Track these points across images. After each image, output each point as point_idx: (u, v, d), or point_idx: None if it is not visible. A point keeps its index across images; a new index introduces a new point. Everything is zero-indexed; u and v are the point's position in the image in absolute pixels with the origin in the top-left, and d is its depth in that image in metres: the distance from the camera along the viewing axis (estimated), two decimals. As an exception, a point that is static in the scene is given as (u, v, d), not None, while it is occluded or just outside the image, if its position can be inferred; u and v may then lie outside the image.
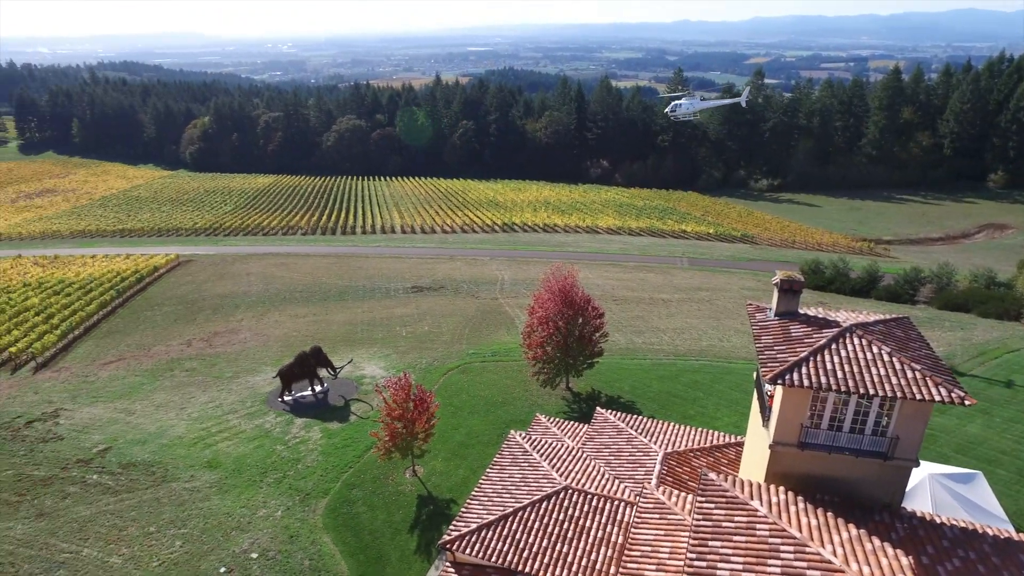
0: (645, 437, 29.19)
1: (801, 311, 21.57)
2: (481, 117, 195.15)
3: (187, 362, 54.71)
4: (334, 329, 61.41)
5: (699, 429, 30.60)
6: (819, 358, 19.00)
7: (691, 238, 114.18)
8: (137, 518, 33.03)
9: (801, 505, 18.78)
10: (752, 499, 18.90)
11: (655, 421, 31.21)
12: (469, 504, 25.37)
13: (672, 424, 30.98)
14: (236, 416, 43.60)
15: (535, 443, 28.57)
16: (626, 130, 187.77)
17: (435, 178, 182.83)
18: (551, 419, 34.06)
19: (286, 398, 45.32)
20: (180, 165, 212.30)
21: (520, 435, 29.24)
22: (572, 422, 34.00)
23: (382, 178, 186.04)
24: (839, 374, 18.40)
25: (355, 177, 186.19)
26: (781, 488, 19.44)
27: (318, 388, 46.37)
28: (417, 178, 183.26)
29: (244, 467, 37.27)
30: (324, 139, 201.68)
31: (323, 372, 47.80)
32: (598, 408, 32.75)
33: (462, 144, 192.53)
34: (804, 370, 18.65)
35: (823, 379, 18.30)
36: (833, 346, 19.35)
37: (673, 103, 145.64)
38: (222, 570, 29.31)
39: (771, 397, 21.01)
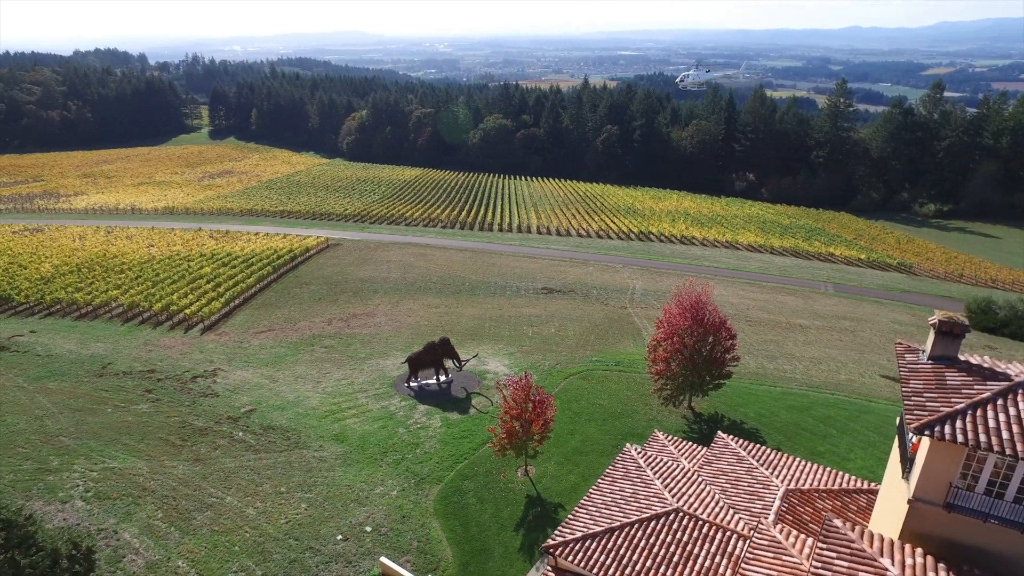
0: (767, 469, 27.63)
1: (962, 357, 19.40)
2: (626, 122, 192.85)
3: (326, 339, 58.90)
4: (463, 322, 63.45)
5: (827, 469, 28.47)
6: (979, 413, 17.00)
7: (839, 262, 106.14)
8: (272, 477, 36.13)
9: (942, 574, 16.91)
10: (882, 556, 17.33)
11: (779, 454, 29.45)
12: (577, 512, 25.32)
13: (798, 459, 29.06)
14: (365, 395, 46.37)
15: (650, 459, 27.94)
16: (777, 143, 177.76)
17: (575, 181, 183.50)
18: (669, 437, 33.15)
19: (412, 384, 47.51)
20: (337, 154, 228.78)
21: (636, 449, 28.71)
22: (691, 443, 32.88)
23: (523, 177, 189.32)
24: (1004, 435, 16.30)
25: (497, 175, 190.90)
26: (918, 550, 17.62)
27: (443, 378, 48.15)
28: (557, 179, 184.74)
29: (367, 444, 39.55)
30: (470, 136, 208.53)
31: (449, 363, 49.55)
32: (719, 432, 31.43)
33: (604, 148, 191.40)
34: (959, 424, 16.77)
35: (982, 437, 16.34)
36: (1000, 401, 17.20)
37: (682, 74, 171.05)
38: (339, 537, 31.33)
39: (915, 446, 19.13)
